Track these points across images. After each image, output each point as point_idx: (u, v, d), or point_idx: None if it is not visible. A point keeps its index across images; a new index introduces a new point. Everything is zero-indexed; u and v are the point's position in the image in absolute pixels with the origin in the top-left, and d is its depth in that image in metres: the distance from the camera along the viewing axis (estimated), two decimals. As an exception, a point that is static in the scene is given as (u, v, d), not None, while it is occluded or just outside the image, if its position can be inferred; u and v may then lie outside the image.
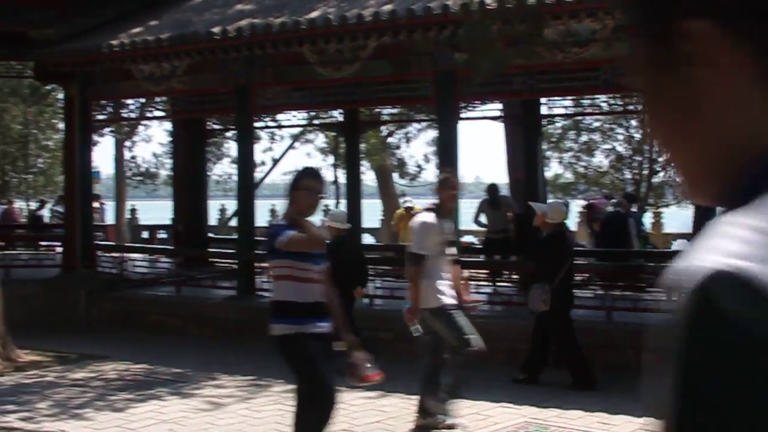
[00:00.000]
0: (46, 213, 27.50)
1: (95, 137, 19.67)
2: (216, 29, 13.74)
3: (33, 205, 37.40)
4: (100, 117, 17.01)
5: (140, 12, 16.32)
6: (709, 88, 0.90)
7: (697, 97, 0.91)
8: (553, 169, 29.11)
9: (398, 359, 11.23)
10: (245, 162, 15.29)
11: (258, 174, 24.67)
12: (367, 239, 26.02)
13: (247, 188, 15.18)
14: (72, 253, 16.36)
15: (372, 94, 14.34)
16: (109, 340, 13.87)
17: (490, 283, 14.79)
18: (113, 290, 15.66)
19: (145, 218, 33.10)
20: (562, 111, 16.34)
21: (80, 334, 14.95)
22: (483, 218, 16.53)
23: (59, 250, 18.00)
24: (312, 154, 35.50)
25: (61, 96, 40.46)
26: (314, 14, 13.29)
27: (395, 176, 33.84)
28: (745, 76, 0.88)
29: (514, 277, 15.60)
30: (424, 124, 28.21)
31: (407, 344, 11.23)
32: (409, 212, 19.06)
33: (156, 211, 31.76)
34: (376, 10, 12.65)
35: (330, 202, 33.43)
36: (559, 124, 27.09)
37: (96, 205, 20.50)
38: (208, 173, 23.47)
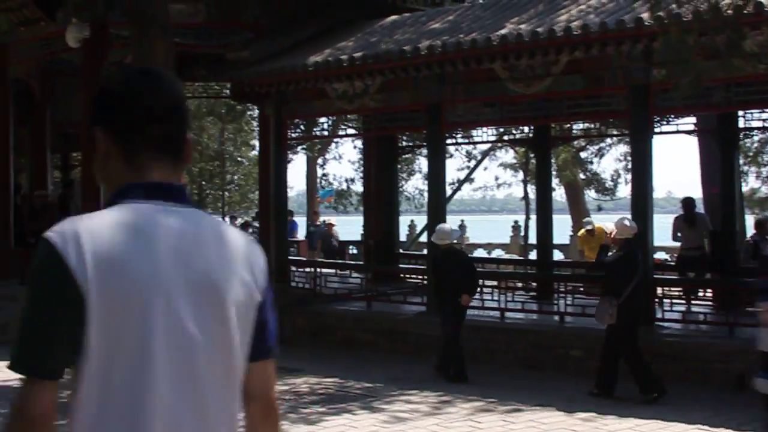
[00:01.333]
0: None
1: (289, 154, 20.11)
2: (408, 47, 13.88)
3: (227, 220, 38.57)
4: (294, 135, 17.40)
5: (332, 33, 16.66)
6: (105, 159, 2.28)
7: (105, 163, 2.29)
8: (750, 183, 28.17)
9: (588, 376, 11.06)
10: (436, 178, 15.35)
11: (448, 190, 24.67)
12: (557, 255, 25.73)
13: (438, 204, 15.24)
14: (265, 267, 16.74)
15: (563, 109, 14.15)
16: (301, 354, 14.11)
17: (684, 302, 14.32)
18: (306, 305, 15.96)
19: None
20: (759, 124, 15.70)
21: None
22: (679, 235, 16.08)
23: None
24: (501, 170, 35.43)
25: (255, 115, 41.69)
26: (505, 30, 13.24)
27: (587, 191, 33.42)
28: (116, 153, 2.25)
29: (709, 294, 15.09)
30: (615, 138, 27.74)
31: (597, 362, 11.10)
32: (591, 234, 18.75)
33: (347, 226, 32.23)
34: (568, 24, 12.51)
35: (520, 218, 33.36)
36: (756, 138, 26.15)
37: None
38: (399, 189, 23.65)
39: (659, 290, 13.31)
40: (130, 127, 2.23)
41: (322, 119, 17.95)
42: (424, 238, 27.11)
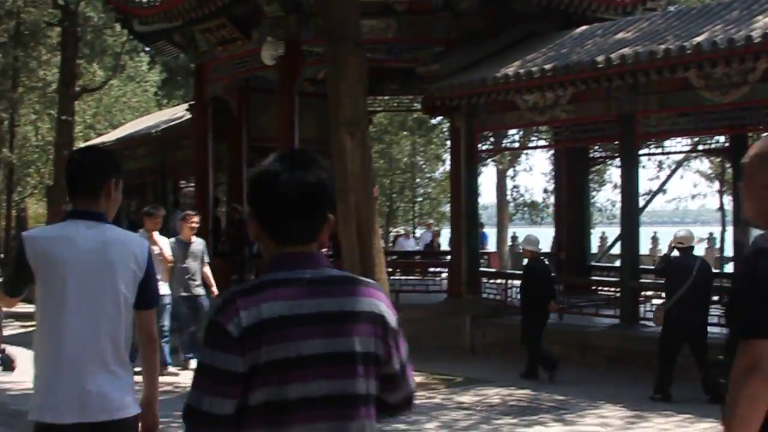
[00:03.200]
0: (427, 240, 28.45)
1: (479, 167, 20.14)
2: (600, 58, 13.73)
3: (418, 232, 38.92)
4: (484, 147, 17.45)
5: (522, 45, 16.64)
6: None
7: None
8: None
9: None
10: (629, 189, 15.11)
11: (641, 201, 24.21)
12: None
13: (631, 215, 15.00)
14: (457, 279, 16.86)
15: (761, 117, 13.71)
16: (492, 365, 14.14)
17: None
18: (497, 316, 15.97)
19: (525, 246, 33.47)
20: None
21: (465, 358, 15.37)
22: None
23: (444, 276, 18.59)
24: (696, 180, 34.59)
25: (445, 128, 41.94)
26: (700, 38, 12.93)
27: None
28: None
29: None
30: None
31: None
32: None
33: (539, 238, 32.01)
34: (765, 31, 12.11)
35: (715, 230, 32.42)
36: None
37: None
38: (591, 201, 23.34)
39: None
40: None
41: (512, 131, 17.93)
42: (616, 250, 26.70)
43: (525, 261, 14.24)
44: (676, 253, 12.07)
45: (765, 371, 2.88)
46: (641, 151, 18.21)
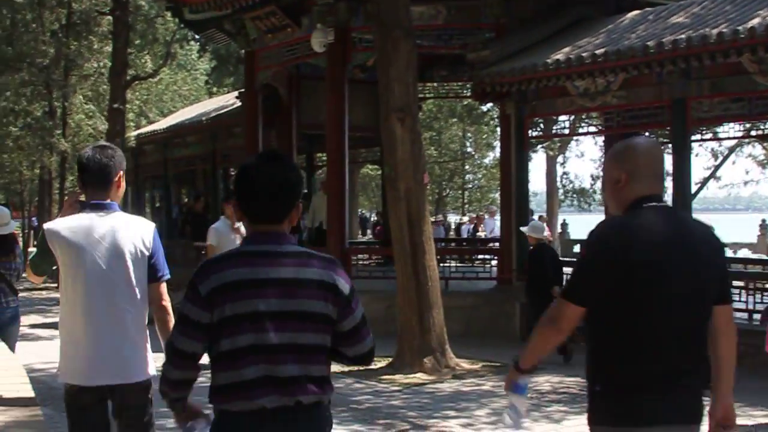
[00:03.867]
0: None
1: (529, 153, 20.04)
2: (651, 43, 13.60)
3: (465, 219, 38.89)
4: (534, 134, 17.35)
5: (572, 30, 16.52)
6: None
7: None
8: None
9: None
10: (681, 176, 14.95)
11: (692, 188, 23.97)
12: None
13: (683, 202, 14.85)
14: (507, 267, 16.81)
15: (816, 102, 13.53)
16: (543, 353, 14.08)
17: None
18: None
19: (575, 233, 33.36)
20: None
21: (514, 345, 15.30)
22: None
23: (494, 263, 18.54)
24: (749, 166, 34.28)
25: (495, 114, 41.78)
26: (754, 22, 12.77)
27: None
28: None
29: None
30: None
31: None
32: None
33: (587, 225, 31.83)
34: (823, 13, 11.94)
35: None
36: None
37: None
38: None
39: None
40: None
41: (562, 117, 17.81)
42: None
43: (531, 247, 14.13)
44: None
45: (558, 326, 3.81)
46: (693, 137, 18.04)
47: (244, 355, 3.54)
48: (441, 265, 12.56)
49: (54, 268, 5.03)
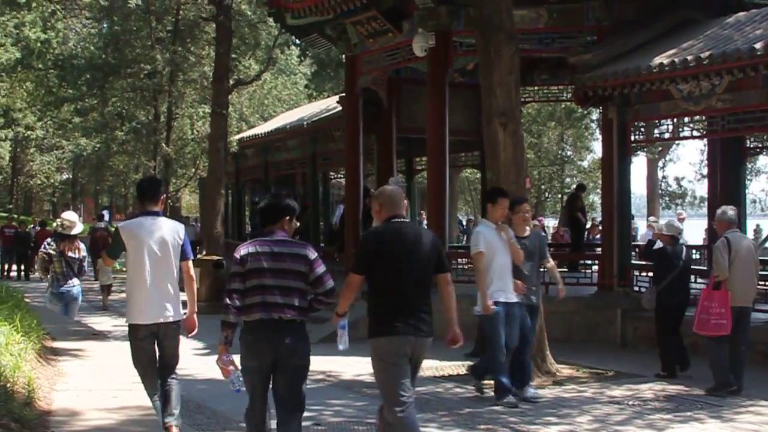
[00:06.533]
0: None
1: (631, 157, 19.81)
2: (758, 45, 13.34)
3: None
4: (635, 137, 17.14)
5: (676, 33, 16.29)
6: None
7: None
8: None
9: None
10: (787, 181, 14.66)
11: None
12: None
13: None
14: (609, 272, 16.65)
15: None
16: (643, 359, 13.94)
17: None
18: (648, 310, 15.67)
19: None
20: None
21: (615, 351, 15.20)
22: None
23: (595, 268, 18.37)
24: None
25: (594, 117, 41.41)
26: None
27: None
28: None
29: None
30: None
31: None
32: None
33: (686, 229, 31.33)
34: None
35: None
36: None
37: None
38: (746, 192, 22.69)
39: None
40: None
41: (664, 121, 17.57)
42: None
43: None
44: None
45: (352, 287, 7.12)
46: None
47: (253, 290, 6.77)
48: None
49: (121, 253, 8.31)
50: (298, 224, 7.15)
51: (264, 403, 6.90)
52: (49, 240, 13.53)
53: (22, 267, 32.69)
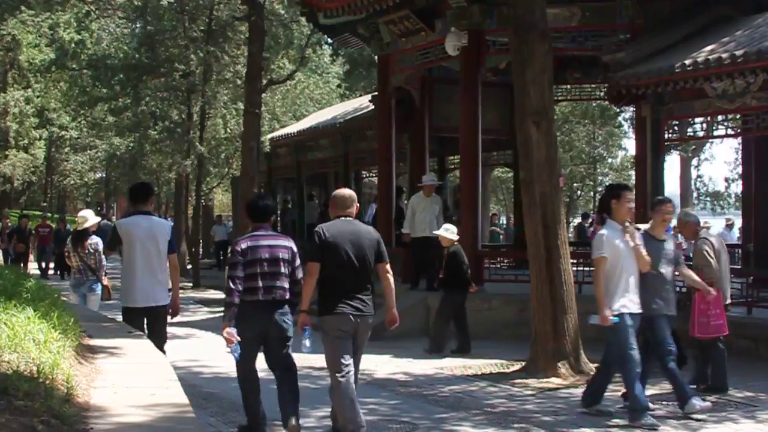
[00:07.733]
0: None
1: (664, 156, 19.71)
2: (793, 43, 13.27)
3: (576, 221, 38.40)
4: (668, 136, 17.06)
5: (709, 30, 16.21)
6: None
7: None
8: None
9: None
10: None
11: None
12: None
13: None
14: (641, 271, 16.55)
15: None
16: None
17: None
18: (680, 309, 15.58)
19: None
20: None
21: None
22: None
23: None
24: None
25: (626, 116, 41.22)
26: None
27: None
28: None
29: None
30: None
31: None
32: None
33: (720, 229, 31.11)
34: None
35: None
36: None
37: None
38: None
39: None
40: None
41: (697, 119, 17.51)
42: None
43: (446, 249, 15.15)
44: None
45: (311, 276, 8.39)
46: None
47: (252, 277, 8.37)
48: (575, 269, 12.42)
49: (119, 246, 9.87)
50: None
51: (253, 362, 8.69)
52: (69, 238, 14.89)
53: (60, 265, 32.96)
